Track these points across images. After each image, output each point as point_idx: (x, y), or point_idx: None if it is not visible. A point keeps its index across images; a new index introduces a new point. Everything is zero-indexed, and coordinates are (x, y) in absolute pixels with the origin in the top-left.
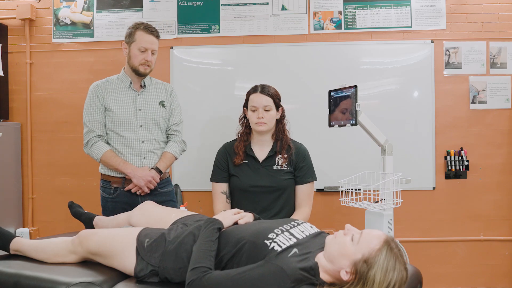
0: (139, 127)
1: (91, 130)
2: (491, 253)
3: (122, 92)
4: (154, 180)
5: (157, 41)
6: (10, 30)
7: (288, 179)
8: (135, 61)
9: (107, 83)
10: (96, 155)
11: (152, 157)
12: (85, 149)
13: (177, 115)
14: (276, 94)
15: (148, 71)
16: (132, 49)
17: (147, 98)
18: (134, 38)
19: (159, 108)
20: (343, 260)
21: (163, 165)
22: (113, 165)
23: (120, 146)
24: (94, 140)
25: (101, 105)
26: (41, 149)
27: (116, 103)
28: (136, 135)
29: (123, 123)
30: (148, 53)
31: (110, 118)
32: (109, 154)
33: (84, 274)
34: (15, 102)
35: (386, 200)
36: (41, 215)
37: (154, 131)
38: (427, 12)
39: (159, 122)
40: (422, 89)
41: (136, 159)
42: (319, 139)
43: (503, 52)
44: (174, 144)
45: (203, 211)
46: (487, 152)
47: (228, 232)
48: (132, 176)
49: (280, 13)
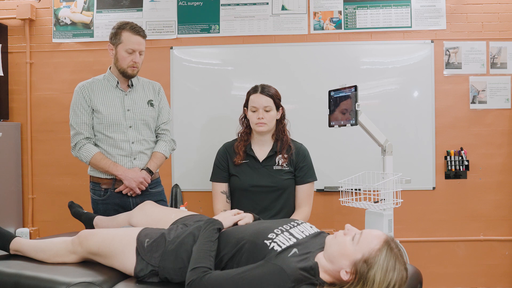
0: (128, 127)
1: (78, 133)
2: (491, 253)
3: (109, 93)
4: (146, 181)
5: (144, 41)
6: (10, 30)
7: (288, 179)
8: (123, 63)
9: (93, 83)
10: (85, 158)
11: (142, 157)
12: (73, 152)
13: (165, 114)
14: (277, 95)
15: (136, 71)
16: (119, 51)
17: (135, 98)
18: (121, 40)
19: (148, 107)
20: (343, 260)
21: (154, 166)
22: (103, 168)
23: (109, 147)
24: (82, 143)
25: (88, 106)
26: (41, 149)
27: (104, 104)
28: (125, 136)
29: (112, 124)
30: (136, 55)
31: (98, 119)
32: (98, 157)
33: (84, 274)
34: (15, 102)
35: (386, 200)
36: (41, 215)
37: (144, 131)
38: (427, 12)
39: (148, 122)
40: (422, 89)
41: (126, 160)
42: (319, 139)
43: (503, 52)
44: (164, 143)
45: (203, 211)
46: (487, 152)
47: (228, 233)
48: (123, 178)
49: (280, 13)
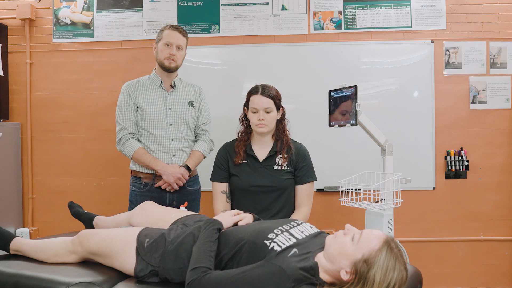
0: (169, 125)
1: (123, 128)
2: (491, 253)
3: (153, 92)
4: (183, 177)
5: (182, 37)
6: (10, 30)
7: (288, 179)
8: (161, 56)
9: (138, 82)
10: (128, 152)
11: (181, 155)
12: (118, 146)
13: (205, 115)
14: (277, 95)
15: (173, 65)
16: (159, 46)
17: (177, 98)
18: (161, 36)
19: (188, 107)
20: (343, 260)
21: (192, 163)
22: (144, 162)
23: (150, 143)
24: (127, 138)
25: (133, 103)
26: (41, 149)
27: (147, 102)
28: (166, 133)
29: (154, 121)
30: (173, 48)
31: (141, 116)
32: (140, 151)
33: (84, 274)
34: (15, 102)
35: (386, 200)
36: (41, 215)
37: (183, 129)
38: (427, 12)
39: (188, 121)
40: (422, 89)
41: (165, 157)
42: (319, 139)
43: (503, 52)
44: (203, 143)
45: (203, 211)
46: (487, 152)
47: (228, 233)
48: (162, 173)
49: (280, 13)
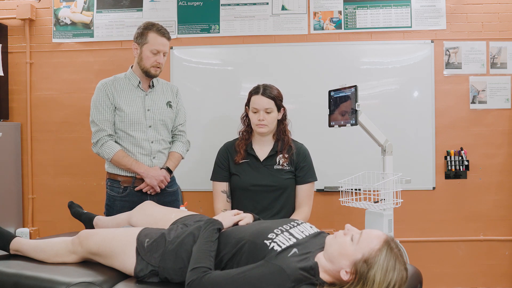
0: (148, 127)
1: (101, 129)
2: (491, 253)
3: (131, 92)
4: (166, 180)
5: (168, 43)
6: (10, 30)
7: (289, 178)
8: (147, 63)
9: (115, 81)
10: (107, 155)
11: (161, 157)
12: (94, 148)
13: (182, 115)
14: (278, 96)
15: (159, 72)
16: (144, 51)
17: (155, 98)
18: (147, 40)
19: (167, 108)
20: (343, 260)
21: (172, 165)
22: (125, 165)
23: (130, 146)
24: (105, 140)
25: (111, 104)
26: (41, 149)
27: (126, 103)
28: (145, 135)
29: (133, 123)
30: (160, 55)
31: (120, 117)
32: (120, 154)
33: (84, 274)
34: (15, 102)
35: (386, 200)
36: (41, 215)
37: (162, 131)
38: (427, 12)
39: (166, 122)
40: (422, 89)
41: (146, 159)
42: (319, 139)
43: (503, 52)
44: (181, 144)
45: (203, 211)
46: (487, 152)
47: (228, 233)
48: (145, 176)
49: (280, 13)
